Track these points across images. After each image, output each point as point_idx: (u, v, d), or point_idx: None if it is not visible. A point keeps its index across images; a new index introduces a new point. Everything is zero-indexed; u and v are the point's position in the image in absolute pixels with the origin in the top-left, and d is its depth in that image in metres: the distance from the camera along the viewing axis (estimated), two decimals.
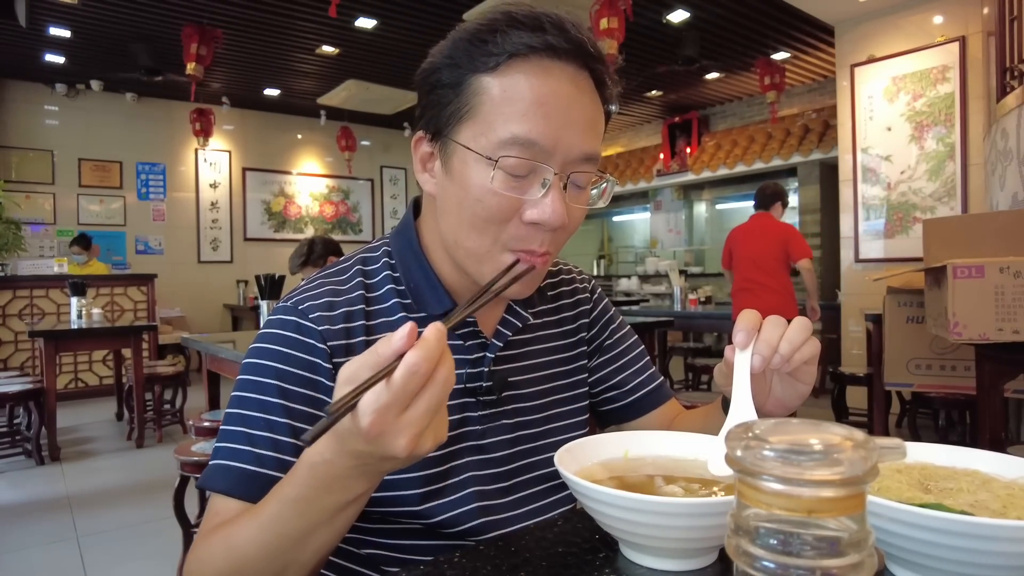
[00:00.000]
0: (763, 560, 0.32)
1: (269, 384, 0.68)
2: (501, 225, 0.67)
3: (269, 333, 0.71)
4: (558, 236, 0.69)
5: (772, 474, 0.31)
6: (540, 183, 0.66)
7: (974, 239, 2.00)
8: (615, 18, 4.44)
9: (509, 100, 0.64)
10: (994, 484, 0.58)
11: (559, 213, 0.65)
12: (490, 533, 0.74)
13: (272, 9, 5.46)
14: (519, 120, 0.63)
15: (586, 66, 0.67)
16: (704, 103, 8.56)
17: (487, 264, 0.69)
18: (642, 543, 0.57)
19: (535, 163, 0.64)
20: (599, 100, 0.69)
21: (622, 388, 0.91)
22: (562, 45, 0.64)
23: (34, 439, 4.03)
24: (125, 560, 2.66)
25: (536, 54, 0.64)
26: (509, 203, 0.66)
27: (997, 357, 1.97)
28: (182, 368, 4.98)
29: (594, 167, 0.69)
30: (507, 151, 0.64)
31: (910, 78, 4.79)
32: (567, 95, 0.65)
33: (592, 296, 0.94)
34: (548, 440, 0.82)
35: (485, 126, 0.65)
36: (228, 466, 0.65)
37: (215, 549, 0.60)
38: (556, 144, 0.64)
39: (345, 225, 9.52)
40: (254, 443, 0.66)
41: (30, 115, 7.28)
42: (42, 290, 5.96)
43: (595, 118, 0.68)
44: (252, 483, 0.64)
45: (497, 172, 0.64)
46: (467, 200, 0.67)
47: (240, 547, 0.58)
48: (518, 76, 0.64)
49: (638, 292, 8.78)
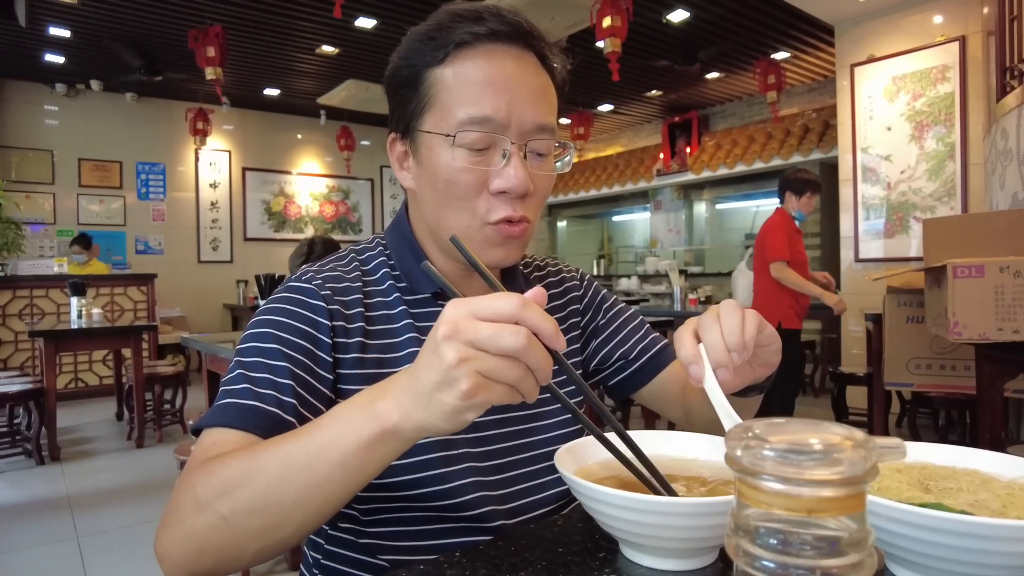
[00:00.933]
0: (763, 560, 0.32)
1: (266, 333, 0.70)
2: (473, 200, 0.72)
3: (277, 296, 0.75)
4: (530, 202, 0.74)
5: (772, 474, 0.31)
6: (500, 154, 0.71)
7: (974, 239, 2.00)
8: (618, 16, 4.43)
9: (461, 85, 0.70)
10: (994, 484, 0.58)
11: (522, 178, 0.70)
12: (485, 508, 0.74)
13: (272, 9, 5.46)
14: (472, 101, 0.70)
15: (528, 45, 0.73)
16: (704, 103, 8.56)
17: (472, 241, 0.73)
18: (642, 543, 0.57)
19: (493, 135, 0.70)
20: (546, 75, 0.75)
21: (627, 357, 0.94)
22: (501, 29, 0.70)
23: (34, 439, 4.03)
24: (125, 560, 2.66)
25: (480, 41, 0.70)
26: (476, 176, 0.71)
27: (997, 357, 1.97)
28: (182, 368, 4.98)
29: (551, 137, 0.74)
30: (464, 131, 0.70)
31: (910, 78, 4.79)
32: (513, 72, 0.71)
33: (582, 283, 0.98)
34: (539, 423, 0.83)
35: (444, 112, 0.71)
36: (225, 404, 0.65)
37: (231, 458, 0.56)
38: (509, 116, 0.70)
39: (345, 225, 9.52)
40: (253, 383, 0.66)
41: (30, 115, 7.28)
42: (42, 290, 5.96)
43: (544, 91, 0.74)
44: (251, 415, 0.63)
45: (458, 149, 0.70)
46: (439, 182, 0.72)
47: (259, 456, 0.54)
48: (466, 63, 0.70)
49: (638, 292, 8.78)
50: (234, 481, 0.54)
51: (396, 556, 0.74)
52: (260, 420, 0.63)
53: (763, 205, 9.43)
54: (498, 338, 0.46)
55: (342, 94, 7.71)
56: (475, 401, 0.48)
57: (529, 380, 0.49)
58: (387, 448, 0.52)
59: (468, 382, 0.47)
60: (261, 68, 7.02)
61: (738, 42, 6.36)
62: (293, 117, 8.90)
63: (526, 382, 0.48)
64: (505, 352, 0.47)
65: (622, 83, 7.28)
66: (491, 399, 0.48)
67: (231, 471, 0.55)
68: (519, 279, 0.88)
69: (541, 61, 0.74)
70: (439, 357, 0.47)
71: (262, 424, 0.63)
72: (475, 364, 0.47)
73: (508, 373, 0.47)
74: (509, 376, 0.48)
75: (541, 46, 0.74)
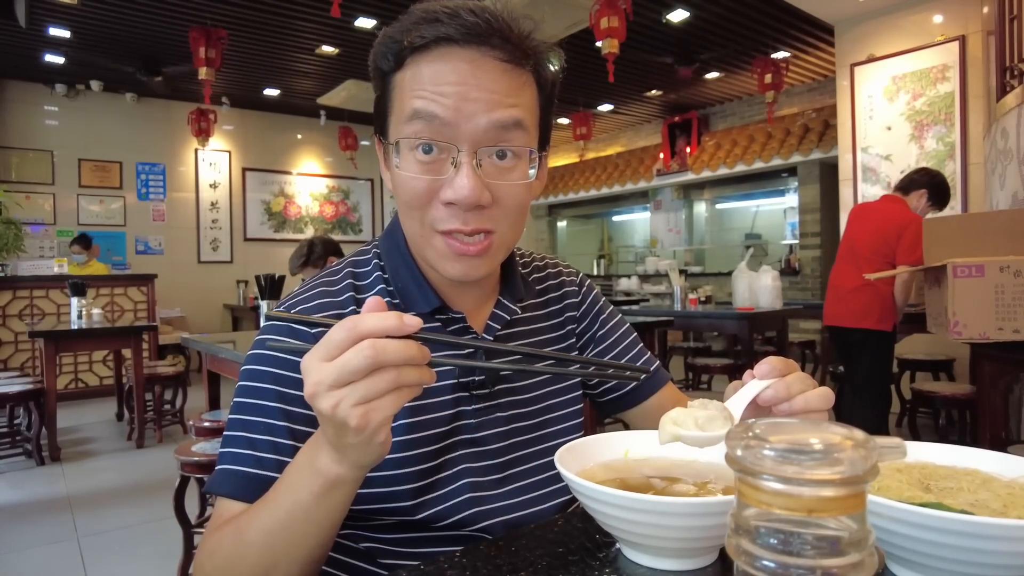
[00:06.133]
0: (763, 559, 0.32)
1: (267, 389, 0.70)
2: (424, 209, 0.69)
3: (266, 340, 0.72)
4: (491, 213, 0.69)
5: (772, 473, 0.31)
6: (451, 162, 0.67)
7: (974, 238, 2.00)
8: (615, 17, 4.44)
9: (410, 86, 0.68)
10: (994, 483, 0.58)
11: (471, 190, 0.66)
12: (480, 523, 0.74)
13: (272, 9, 5.46)
14: (419, 96, 0.67)
15: (490, 44, 0.67)
16: (704, 103, 8.56)
17: (426, 248, 0.72)
18: (642, 543, 0.57)
19: (439, 142, 0.67)
20: (518, 72, 0.69)
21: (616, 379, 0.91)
22: (454, 33, 0.66)
23: (34, 439, 4.03)
24: (125, 560, 2.66)
25: (435, 44, 0.67)
26: (425, 185, 0.68)
27: (997, 356, 1.97)
28: (182, 368, 4.97)
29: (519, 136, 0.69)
30: (411, 127, 0.67)
31: (910, 77, 4.79)
32: (466, 71, 0.67)
33: (580, 288, 0.95)
34: (543, 431, 0.83)
35: (398, 116, 0.69)
36: (231, 471, 0.68)
37: (224, 539, 0.63)
38: (457, 116, 0.66)
39: (345, 225, 9.52)
40: (255, 447, 0.68)
41: (30, 115, 7.28)
42: (42, 290, 5.96)
43: (507, 89, 0.68)
44: (254, 486, 0.66)
45: (407, 156, 0.68)
46: (397, 188, 0.71)
47: (245, 532, 0.61)
48: (419, 65, 0.68)
49: (638, 292, 8.78)
50: (234, 559, 0.61)
51: (396, 561, 0.74)
52: (264, 487, 0.65)
53: (763, 205, 9.44)
54: (346, 366, 0.48)
55: (342, 94, 7.72)
56: (372, 427, 0.50)
57: (406, 374, 0.49)
58: (342, 493, 0.57)
59: (354, 418, 0.49)
60: (261, 68, 7.02)
61: (738, 42, 6.37)
62: (293, 117, 8.90)
63: (405, 378, 0.50)
64: (362, 371, 0.48)
65: (622, 83, 7.29)
66: (385, 414, 0.50)
67: (227, 551, 0.62)
68: (517, 281, 0.85)
69: (513, 61, 0.68)
70: (321, 413, 0.50)
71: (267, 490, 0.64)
72: (348, 400, 0.49)
73: (380, 385, 0.49)
74: (383, 386, 0.49)
75: (509, 47, 0.68)
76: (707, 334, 7.20)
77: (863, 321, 3.25)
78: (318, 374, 0.49)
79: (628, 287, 8.91)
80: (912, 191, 3.28)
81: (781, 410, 0.61)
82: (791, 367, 0.63)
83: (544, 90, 0.73)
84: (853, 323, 3.30)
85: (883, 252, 3.19)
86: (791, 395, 0.61)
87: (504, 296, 0.83)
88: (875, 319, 3.24)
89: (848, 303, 3.32)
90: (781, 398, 0.61)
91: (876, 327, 3.24)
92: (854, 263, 3.30)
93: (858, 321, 3.27)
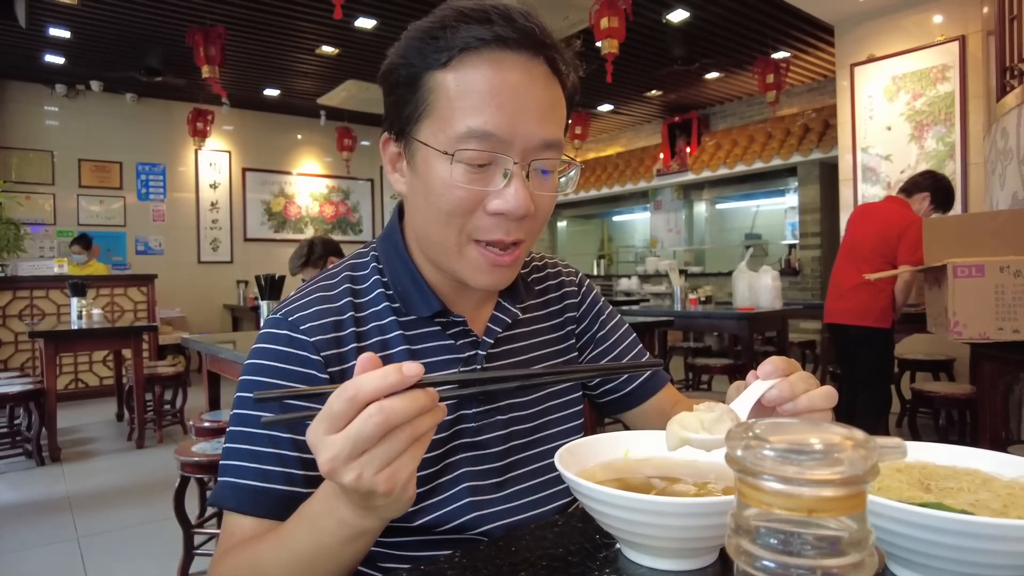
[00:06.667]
0: (763, 560, 0.31)
1: None
2: (466, 217, 0.67)
3: (262, 348, 0.71)
4: (528, 224, 0.69)
5: (772, 473, 0.31)
6: (502, 173, 0.66)
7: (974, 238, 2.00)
8: (615, 17, 4.44)
9: (463, 94, 0.65)
10: (995, 483, 0.58)
11: (522, 201, 0.66)
12: (480, 528, 0.74)
13: (272, 9, 5.46)
14: (474, 113, 0.64)
15: (539, 54, 0.67)
16: (704, 103, 8.56)
17: (455, 257, 0.70)
18: (643, 543, 0.57)
19: (494, 154, 0.65)
20: (557, 86, 0.69)
21: (620, 378, 0.91)
22: (511, 35, 0.64)
23: (34, 440, 4.03)
24: (125, 561, 2.66)
25: (487, 46, 0.65)
26: (472, 195, 0.66)
27: (997, 356, 1.97)
28: (182, 368, 4.97)
29: (557, 153, 0.69)
30: (465, 144, 0.64)
31: (910, 77, 4.79)
32: (520, 84, 0.65)
33: (580, 289, 0.94)
34: (543, 433, 0.82)
35: (443, 122, 0.66)
36: (236, 483, 0.66)
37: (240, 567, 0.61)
38: (513, 133, 0.65)
39: (345, 225, 9.52)
40: (259, 459, 0.67)
41: (30, 116, 7.28)
42: (42, 291, 5.96)
43: (552, 104, 0.68)
44: (260, 499, 0.65)
45: (456, 166, 0.65)
46: (431, 195, 0.68)
47: (263, 566, 0.59)
48: (470, 70, 0.65)
49: (638, 292, 8.78)
50: None
51: (396, 565, 0.74)
52: (271, 503, 0.65)
53: (763, 205, 9.44)
54: (359, 436, 0.46)
55: (342, 94, 7.72)
56: (399, 486, 0.48)
57: (420, 425, 0.48)
58: (370, 538, 0.57)
59: (381, 484, 0.47)
60: (261, 68, 7.02)
61: (738, 42, 6.36)
62: (293, 117, 8.90)
63: (420, 429, 0.48)
64: (376, 438, 0.46)
65: (622, 83, 7.29)
66: (409, 470, 0.49)
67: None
68: (518, 283, 0.84)
69: (552, 70, 0.68)
70: (344, 487, 0.49)
71: (273, 507, 0.65)
72: (369, 468, 0.47)
73: (397, 445, 0.47)
74: (400, 446, 0.47)
75: (554, 56, 0.68)
76: (707, 334, 7.21)
77: (862, 319, 3.31)
78: (330, 449, 0.47)
79: (628, 287, 8.91)
80: (916, 193, 3.32)
81: (785, 410, 0.61)
82: (794, 367, 0.63)
83: (570, 101, 0.73)
84: (852, 320, 3.35)
85: (883, 252, 3.22)
86: (795, 394, 0.61)
87: (505, 298, 0.82)
88: (874, 317, 3.28)
89: (848, 301, 3.37)
90: (785, 398, 0.61)
91: (875, 325, 3.28)
92: (854, 262, 3.34)
93: (857, 319, 3.32)
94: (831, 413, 0.62)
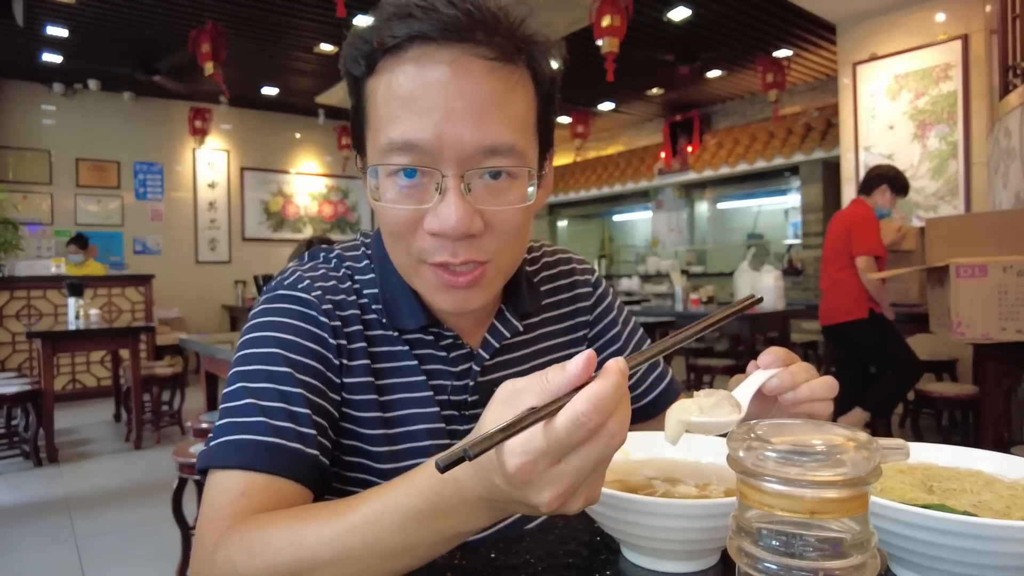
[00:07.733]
0: (765, 561, 0.31)
1: (274, 354, 0.63)
2: (408, 238, 0.62)
3: (269, 308, 0.67)
4: (484, 242, 0.61)
5: (774, 475, 0.31)
6: (434, 187, 0.59)
7: (977, 238, 1.99)
8: (617, 15, 4.43)
9: (385, 102, 0.59)
10: (997, 485, 0.58)
11: (458, 219, 0.58)
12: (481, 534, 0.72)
13: (270, 7, 5.46)
14: (394, 123, 0.58)
15: (476, 42, 0.58)
16: (706, 101, 8.56)
17: (414, 278, 0.66)
18: (644, 545, 0.56)
19: (420, 167, 0.59)
20: (512, 75, 0.60)
21: (635, 391, 0.87)
22: (429, 29, 0.57)
23: (32, 440, 4.02)
24: (123, 562, 2.66)
25: (409, 44, 0.58)
26: (408, 215, 0.60)
27: (1000, 357, 1.97)
28: (180, 369, 4.97)
29: (510, 159, 0.60)
30: (388, 159, 0.59)
31: (912, 76, 4.79)
32: (445, 83, 0.57)
33: (594, 291, 0.88)
34: None
35: (374, 134, 0.61)
36: (240, 440, 0.59)
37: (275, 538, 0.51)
38: (439, 142, 0.57)
39: (344, 224, 9.52)
40: (268, 414, 0.60)
41: (27, 115, 7.28)
42: (39, 291, 5.96)
43: (499, 100, 0.59)
44: (275, 455, 0.58)
45: (386, 182, 0.60)
46: (377, 215, 0.64)
47: (311, 546, 0.50)
48: (392, 73, 0.59)
49: (639, 292, 8.78)
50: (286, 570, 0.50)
51: None
52: (285, 460, 0.58)
53: (765, 204, 9.44)
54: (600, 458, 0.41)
55: (341, 93, 7.72)
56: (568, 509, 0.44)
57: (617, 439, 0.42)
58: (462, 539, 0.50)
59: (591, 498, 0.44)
60: (259, 67, 7.02)
61: (740, 40, 6.37)
62: (291, 116, 8.90)
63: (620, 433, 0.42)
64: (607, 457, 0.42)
65: (623, 81, 7.29)
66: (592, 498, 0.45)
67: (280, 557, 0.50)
68: (523, 292, 0.78)
69: (502, 57, 0.59)
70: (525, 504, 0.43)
71: (287, 464, 0.58)
72: (594, 487, 0.44)
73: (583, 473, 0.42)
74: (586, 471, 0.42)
75: (498, 39, 0.58)
76: (709, 335, 7.20)
77: (838, 316, 3.53)
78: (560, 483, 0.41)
79: (629, 287, 8.92)
80: (875, 189, 3.54)
81: (786, 399, 0.60)
82: (794, 357, 0.63)
83: (542, 87, 0.64)
84: (832, 320, 3.60)
85: (840, 250, 3.50)
86: (796, 383, 0.60)
87: (508, 308, 0.77)
88: (846, 311, 3.50)
89: (826, 302, 3.64)
90: (786, 387, 0.60)
91: (849, 318, 3.49)
92: (824, 266, 3.67)
93: (835, 317, 3.56)
94: (831, 403, 0.62)
